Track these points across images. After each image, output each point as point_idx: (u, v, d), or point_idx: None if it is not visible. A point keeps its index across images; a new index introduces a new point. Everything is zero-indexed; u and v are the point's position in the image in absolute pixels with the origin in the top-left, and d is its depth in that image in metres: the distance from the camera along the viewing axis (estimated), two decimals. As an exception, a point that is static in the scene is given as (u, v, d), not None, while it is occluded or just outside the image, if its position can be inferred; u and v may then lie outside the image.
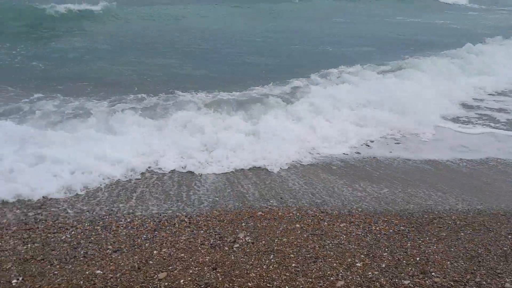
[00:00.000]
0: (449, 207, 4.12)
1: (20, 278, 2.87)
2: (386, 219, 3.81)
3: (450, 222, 3.82)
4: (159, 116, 5.91)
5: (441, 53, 11.17)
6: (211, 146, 5.15)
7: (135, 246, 3.27)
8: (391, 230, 3.63)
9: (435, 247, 3.39)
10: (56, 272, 2.94)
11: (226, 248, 3.28)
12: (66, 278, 2.88)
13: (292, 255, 3.21)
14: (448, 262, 3.19)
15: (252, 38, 12.96)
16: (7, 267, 2.97)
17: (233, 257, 3.17)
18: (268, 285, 2.87)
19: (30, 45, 10.23)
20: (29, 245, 3.23)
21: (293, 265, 3.10)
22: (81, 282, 2.85)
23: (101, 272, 2.95)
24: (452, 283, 2.96)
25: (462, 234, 3.62)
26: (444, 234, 3.61)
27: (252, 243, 3.36)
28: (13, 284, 2.82)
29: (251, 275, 2.97)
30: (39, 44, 10.44)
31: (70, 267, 3.00)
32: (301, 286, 2.87)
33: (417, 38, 14.66)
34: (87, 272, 2.94)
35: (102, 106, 6.32)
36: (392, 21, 18.90)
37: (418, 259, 3.22)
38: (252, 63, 10.10)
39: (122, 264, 3.05)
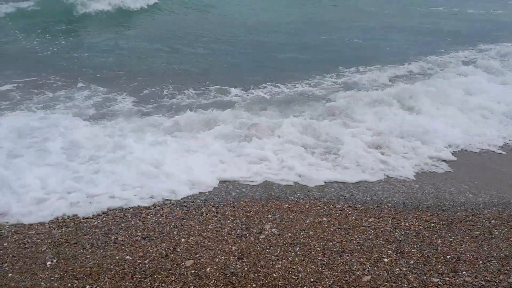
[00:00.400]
0: (483, 205, 3.98)
1: (54, 260, 2.99)
2: (416, 215, 3.73)
3: (484, 220, 3.69)
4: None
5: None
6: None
7: (164, 234, 3.34)
8: (421, 227, 3.54)
9: (467, 246, 3.29)
10: (88, 256, 3.04)
11: (252, 239, 3.30)
12: (97, 262, 2.98)
13: (318, 248, 3.19)
14: (480, 261, 3.09)
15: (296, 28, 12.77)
16: (42, 250, 3.10)
17: (258, 248, 3.18)
18: (293, 277, 2.87)
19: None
20: (63, 229, 3.36)
21: (319, 258, 3.08)
22: (111, 266, 2.94)
23: (130, 258, 3.03)
24: (483, 283, 2.86)
25: (497, 233, 3.50)
26: (477, 232, 3.49)
27: (278, 234, 3.36)
28: (47, 265, 2.94)
29: (276, 266, 2.98)
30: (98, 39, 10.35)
31: (101, 251, 3.10)
32: (326, 280, 2.85)
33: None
34: (117, 257, 3.03)
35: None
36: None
37: (448, 257, 3.14)
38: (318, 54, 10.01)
39: (150, 250, 3.13)
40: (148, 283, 2.78)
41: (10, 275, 2.85)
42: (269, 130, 5.36)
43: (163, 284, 2.77)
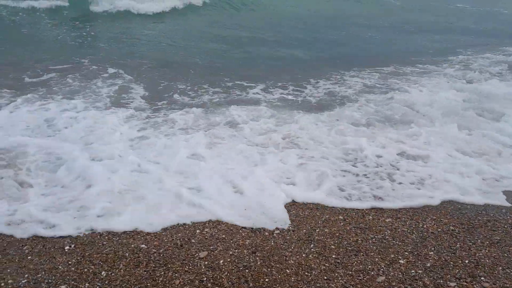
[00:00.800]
0: (505, 210, 3.86)
1: (72, 245, 3.05)
2: (435, 218, 3.65)
3: (506, 226, 3.59)
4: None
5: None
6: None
7: (179, 225, 3.37)
8: (439, 229, 3.47)
9: (486, 251, 3.20)
10: (104, 243, 3.10)
11: (267, 234, 3.29)
12: (113, 249, 3.03)
13: (333, 246, 3.16)
14: (500, 268, 3.00)
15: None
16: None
17: (273, 243, 3.17)
18: (306, 273, 2.86)
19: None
20: (82, 215, 3.43)
21: (333, 256, 3.05)
22: (126, 254, 2.98)
23: (145, 247, 3.07)
24: (502, 290, 2.79)
25: (519, 239, 3.39)
26: (498, 238, 3.39)
27: (293, 230, 3.35)
28: (66, 250, 3.01)
29: (289, 262, 2.97)
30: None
31: (117, 239, 3.15)
32: (339, 278, 2.83)
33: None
34: (132, 246, 3.08)
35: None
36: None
37: (467, 261, 3.06)
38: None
39: (165, 240, 3.16)
40: (162, 272, 2.81)
41: (29, 257, 2.92)
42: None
43: (176, 274, 2.80)
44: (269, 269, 2.88)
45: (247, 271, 2.86)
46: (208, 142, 4.82)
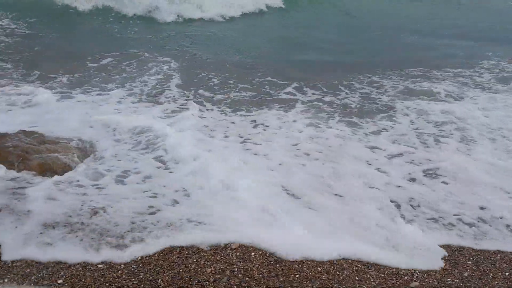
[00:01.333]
0: (552, 224, 3.67)
1: (110, 227, 3.16)
2: (474, 227, 3.52)
3: (551, 240, 3.41)
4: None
5: None
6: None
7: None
8: (479, 239, 3.34)
9: (529, 265, 3.06)
10: (140, 227, 3.19)
11: (299, 230, 3.28)
12: (148, 233, 3.10)
13: (366, 247, 3.12)
14: (544, 284, 2.86)
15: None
16: (100, 215, 3.29)
17: (305, 240, 3.16)
18: (337, 273, 2.83)
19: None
20: (120, 199, 3.54)
21: (366, 257, 3.01)
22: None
23: (180, 233, 3.14)
24: (545, 306, 2.66)
25: None
26: (542, 252, 3.23)
27: (326, 229, 3.32)
28: (104, 231, 3.11)
29: (322, 259, 2.95)
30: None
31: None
32: (371, 280, 2.78)
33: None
34: (167, 231, 3.15)
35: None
36: None
37: (507, 274, 2.94)
38: None
39: (199, 229, 3.21)
40: (195, 260, 2.85)
41: (69, 235, 3.04)
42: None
43: (208, 263, 2.83)
44: (300, 265, 2.87)
45: (277, 265, 2.86)
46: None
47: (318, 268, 2.86)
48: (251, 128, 5.18)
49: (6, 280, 2.54)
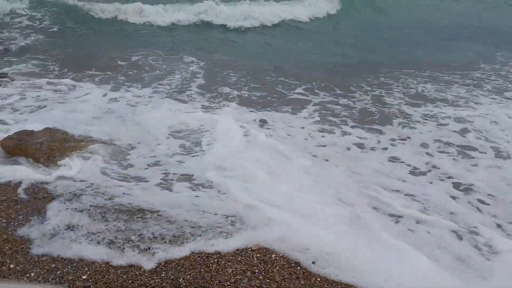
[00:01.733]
0: None
1: (132, 225, 3.20)
2: None
3: None
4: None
5: None
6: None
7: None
8: None
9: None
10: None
11: (320, 233, 3.27)
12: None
13: (387, 253, 3.08)
14: None
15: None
16: (123, 213, 3.34)
17: (326, 243, 3.15)
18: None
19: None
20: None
21: (387, 262, 2.97)
22: (183, 238, 3.08)
23: (201, 233, 3.16)
24: None
25: None
26: None
27: (347, 232, 3.30)
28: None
29: (342, 264, 2.93)
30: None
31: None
32: None
33: None
34: (188, 231, 3.18)
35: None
36: None
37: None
38: None
39: (220, 229, 3.23)
40: (216, 260, 2.87)
41: (93, 232, 3.09)
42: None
43: (229, 263, 2.84)
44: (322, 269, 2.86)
45: (298, 268, 2.86)
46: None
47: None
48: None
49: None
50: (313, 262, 2.87)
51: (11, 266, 2.66)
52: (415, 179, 4.27)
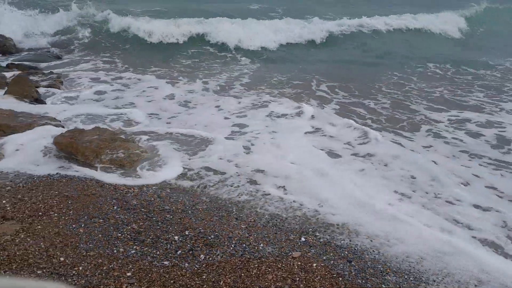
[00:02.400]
0: None
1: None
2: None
3: None
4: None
5: None
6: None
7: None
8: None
9: None
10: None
11: (363, 244, 3.19)
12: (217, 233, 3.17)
13: (434, 269, 2.96)
14: None
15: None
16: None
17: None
18: None
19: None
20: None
21: (434, 279, 2.86)
22: (224, 240, 3.10)
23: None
24: None
25: None
26: None
27: (391, 245, 3.21)
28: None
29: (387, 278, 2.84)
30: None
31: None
32: (440, 304, 2.63)
33: None
34: (236, 231, 3.19)
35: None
36: None
37: None
38: None
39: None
40: (256, 265, 2.86)
41: (138, 230, 3.17)
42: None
43: (269, 269, 2.83)
44: (363, 281, 2.79)
45: (340, 279, 2.80)
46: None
47: (383, 286, 2.75)
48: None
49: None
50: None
51: (61, 259, 2.77)
52: None
